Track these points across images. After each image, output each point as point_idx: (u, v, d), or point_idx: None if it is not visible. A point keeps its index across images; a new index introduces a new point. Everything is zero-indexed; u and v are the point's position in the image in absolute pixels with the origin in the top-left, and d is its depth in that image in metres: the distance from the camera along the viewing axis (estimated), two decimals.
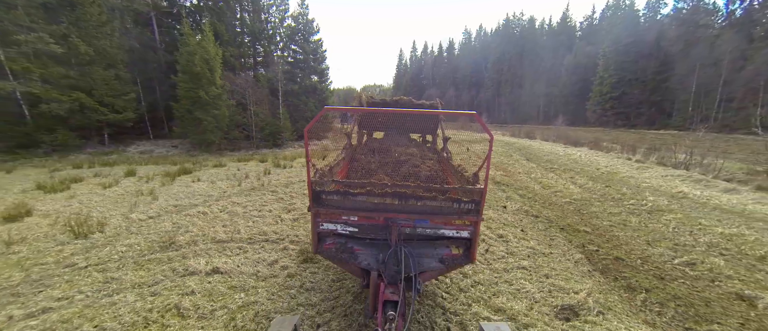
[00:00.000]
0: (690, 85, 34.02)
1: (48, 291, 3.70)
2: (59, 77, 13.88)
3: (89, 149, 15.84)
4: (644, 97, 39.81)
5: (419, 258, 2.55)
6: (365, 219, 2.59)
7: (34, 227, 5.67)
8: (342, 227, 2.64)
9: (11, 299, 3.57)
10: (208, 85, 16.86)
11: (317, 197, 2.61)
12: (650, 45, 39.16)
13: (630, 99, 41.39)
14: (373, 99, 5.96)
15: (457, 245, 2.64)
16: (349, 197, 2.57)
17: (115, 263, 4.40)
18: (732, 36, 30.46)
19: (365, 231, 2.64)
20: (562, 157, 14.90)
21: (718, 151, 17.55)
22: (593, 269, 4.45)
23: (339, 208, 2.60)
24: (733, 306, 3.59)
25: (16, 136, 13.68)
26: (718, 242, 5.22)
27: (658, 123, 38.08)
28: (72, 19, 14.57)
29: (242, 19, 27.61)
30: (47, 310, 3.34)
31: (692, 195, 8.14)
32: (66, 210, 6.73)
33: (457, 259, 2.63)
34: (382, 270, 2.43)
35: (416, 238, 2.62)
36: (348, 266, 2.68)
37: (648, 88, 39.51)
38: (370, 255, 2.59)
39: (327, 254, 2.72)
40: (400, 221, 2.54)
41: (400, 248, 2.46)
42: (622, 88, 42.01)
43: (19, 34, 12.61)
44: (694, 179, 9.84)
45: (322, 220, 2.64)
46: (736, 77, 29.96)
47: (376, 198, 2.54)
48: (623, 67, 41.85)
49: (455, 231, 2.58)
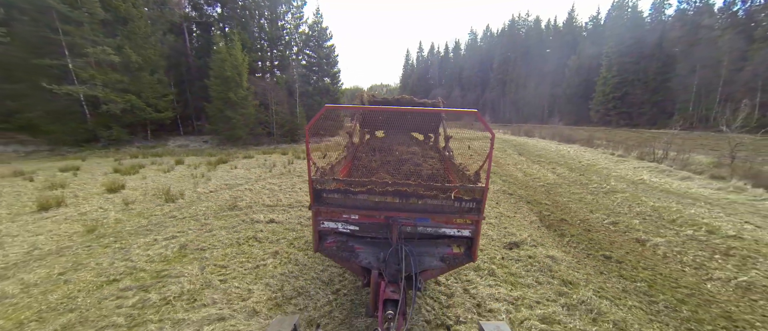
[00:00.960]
0: (691, 86, 34.31)
1: (167, 230, 5.54)
2: (116, 82, 16.14)
3: (137, 143, 18.14)
4: (646, 97, 40.08)
5: (420, 257, 2.52)
6: (366, 217, 2.58)
7: (132, 196, 7.61)
8: (343, 225, 2.63)
9: (147, 232, 5.43)
10: (237, 88, 18.90)
11: (318, 196, 2.60)
12: (652, 46, 39.41)
13: (632, 99, 41.69)
14: (375, 98, 5.97)
15: (459, 244, 2.62)
16: (350, 195, 2.56)
17: (202, 216, 6.23)
18: (732, 36, 30.70)
19: (366, 229, 2.62)
20: (552, 153, 16.22)
21: (707, 148, 18.49)
22: (541, 225, 6.02)
23: (340, 206, 2.59)
24: (628, 244, 5.12)
25: (81, 132, 16.00)
26: (646, 212, 6.68)
27: (659, 123, 38.34)
28: (125, 32, 16.81)
29: (260, 25, 29.74)
30: (174, 236, 5.18)
31: (649, 181, 9.50)
32: (146, 186, 8.69)
33: (458, 258, 2.60)
34: (382, 269, 2.39)
35: (417, 236, 2.60)
36: (349, 264, 2.65)
37: (650, 88, 39.78)
38: (370, 254, 2.56)
39: (328, 253, 2.70)
40: (400, 220, 2.52)
41: (400, 247, 2.43)
42: (624, 89, 42.32)
43: (87, 47, 14.86)
44: (659, 170, 11.13)
45: (323, 218, 2.64)
46: (736, 78, 30.23)
47: (377, 196, 2.53)
48: (626, 67, 42.14)
49: (456, 230, 2.55)
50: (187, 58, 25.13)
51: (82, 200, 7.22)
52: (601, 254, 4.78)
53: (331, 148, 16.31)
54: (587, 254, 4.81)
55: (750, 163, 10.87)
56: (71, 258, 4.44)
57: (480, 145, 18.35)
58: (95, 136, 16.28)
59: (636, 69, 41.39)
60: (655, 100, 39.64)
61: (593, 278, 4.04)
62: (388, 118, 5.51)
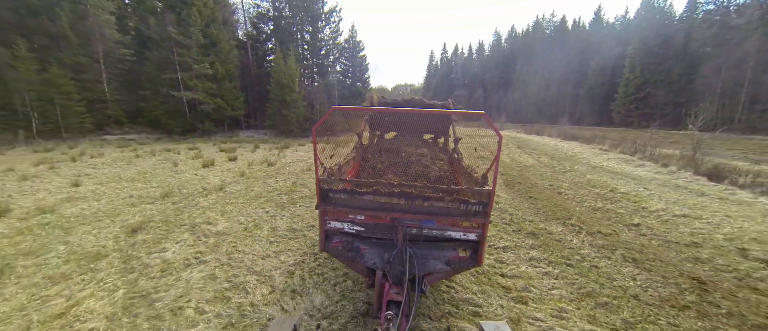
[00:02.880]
0: (715, 87, 33.42)
1: (279, 176, 9.57)
2: (208, 89, 21.39)
3: (219, 134, 23.46)
4: (669, 98, 39.14)
5: (425, 260, 2.47)
6: (372, 218, 2.55)
7: (245, 163, 11.91)
8: (349, 225, 2.61)
9: (270, 177, 9.50)
10: (290, 92, 23.50)
11: (325, 196, 2.59)
12: (678, 46, 38.40)
13: (655, 100, 40.83)
14: (384, 99, 5.94)
15: (464, 248, 2.55)
16: (357, 195, 2.56)
17: (294, 173, 10.24)
18: (759, 37, 29.73)
19: (371, 230, 2.60)
20: (547, 147, 18.62)
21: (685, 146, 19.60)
22: (503, 185, 9.21)
23: (346, 206, 2.57)
24: (549, 193, 8.18)
25: (185, 125, 21.47)
26: (581, 181, 9.52)
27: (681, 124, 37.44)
28: (214, 52, 22.03)
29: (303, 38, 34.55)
30: (287, 178, 9.17)
31: (607, 166, 12.03)
32: (249, 158, 13.04)
33: (464, 262, 2.54)
34: (387, 270, 2.36)
35: (423, 239, 2.55)
36: (354, 264, 2.63)
37: (673, 89, 38.81)
38: (375, 254, 2.54)
39: (334, 252, 2.68)
40: (406, 221, 2.49)
41: (405, 249, 2.39)
42: (647, 90, 41.54)
43: (192, 64, 20.13)
44: (626, 160, 13.44)
45: (330, 218, 2.62)
46: (762, 79, 29.32)
47: (383, 197, 2.52)
48: (650, 68, 41.29)
49: (462, 233, 2.50)
50: (249, 69, 30.53)
51: (220, 164, 11.66)
52: (529, 196, 7.93)
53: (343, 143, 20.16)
54: (520, 196, 7.98)
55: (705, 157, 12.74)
56: (244, 184, 8.56)
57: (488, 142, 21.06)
58: (194, 127, 21.71)
59: (660, 70, 40.44)
60: (678, 101, 38.63)
61: (518, 205, 7.24)
62: (398, 120, 5.42)
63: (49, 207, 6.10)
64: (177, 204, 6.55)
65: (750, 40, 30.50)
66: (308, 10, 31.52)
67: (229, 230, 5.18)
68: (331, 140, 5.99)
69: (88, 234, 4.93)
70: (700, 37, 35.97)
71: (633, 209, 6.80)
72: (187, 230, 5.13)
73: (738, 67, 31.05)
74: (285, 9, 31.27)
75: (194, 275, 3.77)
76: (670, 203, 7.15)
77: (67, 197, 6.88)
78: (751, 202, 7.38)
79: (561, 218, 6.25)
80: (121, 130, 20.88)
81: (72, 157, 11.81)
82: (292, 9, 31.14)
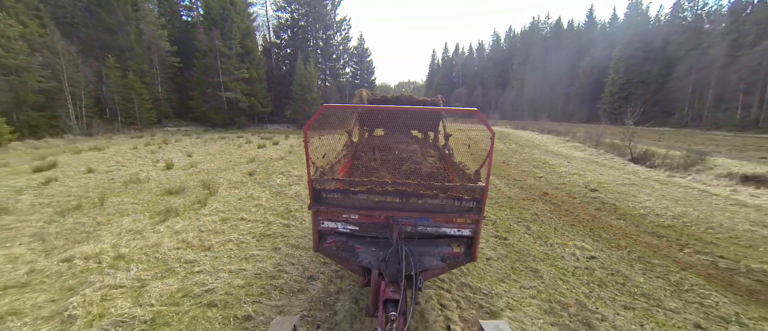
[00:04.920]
0: (687, 88, 36.26)
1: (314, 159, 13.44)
2: (244, 89, 25.37)
3: (251, 127, 27.52)
4: (648, 97, 41.94)
5: (420, 257, 2.43)
6: (366, 217, 2.50)
7: (285, 146, 15.79)
8: (343, 225, 2.54)
9: None
10: (310, 92, 27.36)
11: (318, 196, 2.52)
12: (656, 49, 41.10)
13: (636, 99, 43.58)
14: (374, 96, 5.82)
15: (458, 244, 2.55)
16: (350, 195, 2.49)
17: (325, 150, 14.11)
18: (727, 43, 32.47)
19: (366, 229, 2.55)
20: (522, 138, 22.13)
21: (649, 139, 22.87)
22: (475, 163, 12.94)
23: (340, 206, 2.51)
24: (500, 164, 11.90)
25: (224, 119, 25.56)
26: (529, 159, 13.15)
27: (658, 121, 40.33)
28: (248, 59, 25.96)
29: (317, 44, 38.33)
30: None
31: (556, 150, 15.60)
32: (287, 143, 16.92)
33: (458, 257, 2.52)
34: (382, 269, 2.31)
35: (417, 236, 2.52)
36: (349, 264, 2.56)
37: (651, 89, 41.62)
38: (370, 253, 2.48)
39: (328, 253, 2.61)
40: (400, 219, 2.45)
41: (400, 247, 2.36)
42: (629, 89, 44.34)
43: (232, 70, 24.10)
44: (574, 147, 16.98)
45: (323, 218, 2.55)
46: (725, 81, 32.15)
47: (377, 196, 2.46)
48: (632, 69, 44.06)
49: (456, 229, 2.48)
50: (272, 71, 34.48)
51: (268, 146, 15.55)
52: None
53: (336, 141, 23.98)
54: None
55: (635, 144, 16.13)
56: (296, 156, 12.40)
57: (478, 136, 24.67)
58: (232, 121, 25.79)
59: (641, 71, 43.17)
60: (657, 100, 41.45)
61: None
62: (388, 117, 5.27)
63: (191, 164, 10.05)
64: (263, 165, 10.45)
65: (717, 45, 33.26)
66: (322, 21, 35.21)
67: (301, 174, 9.04)
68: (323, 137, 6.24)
69: (228, 174, 8.83)
70: (676, 41, 38.64)
71: (547, 171, 10.48)
72: (281, 174, 9.01)
73: (706, 69, 33.87)
74: (301, 20, 35.02)
75: (293, 188, 7.61)
76: (573, 168, 10.80)
77: (191, 161, 10.83)
78: (632, 169, 10.96)
79: (499, 175, 9.96)
80: (173, 124, 25.05)
81: (164, 141, 15.87)
82: (307, 19, 34.87)
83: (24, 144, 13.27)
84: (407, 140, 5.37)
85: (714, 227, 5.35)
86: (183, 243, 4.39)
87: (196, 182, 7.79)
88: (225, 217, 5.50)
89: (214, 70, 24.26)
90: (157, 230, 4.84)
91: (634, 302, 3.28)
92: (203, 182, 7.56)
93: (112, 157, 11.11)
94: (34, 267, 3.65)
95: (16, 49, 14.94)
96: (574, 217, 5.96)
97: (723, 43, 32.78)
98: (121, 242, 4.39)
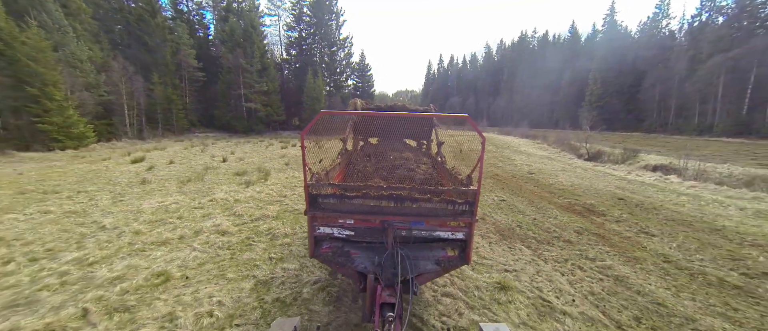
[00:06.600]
0: (654, 97, 39.88)
1: None
2: (262, 101, 28.74)
3: (267, 133, 30.78)
4: (621, 106, 45.60)
5: (416, 261, 2.44)
6: (361, 222, 2.51)
7: None
8: (338, 230, 2.55)
9: None
10: (318, 103, 30.75)
11: (314, 201, 2.51)
12: (628, 63, 44.96)
13: (612, 108, 47.27)
14: (368, 105, 5.95)
15: (453, 247, 2.57)
16: (346, 200, 2.49)
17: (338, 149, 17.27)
18: (681, 57, 36.22)
19: (361, 234, 2.56)
20: (500, 141, 25.38)
21: (609, 142, 26.06)
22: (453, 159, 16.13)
23: (335, 211, 2.51)
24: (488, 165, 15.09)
25: (245, 127, 28.83)
26: (498, 156, 16.34)
27: (631, 128, 43.87)
28: (265, 74, 29.45)
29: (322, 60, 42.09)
30: None
31: (523, 150, 18.80)
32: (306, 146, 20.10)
33: (452, 261, 2.53)
34: (378, 273, 2.31)
35: (412, 240, 2.54)
36: (344, 269, 2.54)
37: (624, 98, 45.29)
38: (366, 258, 2.47)
39: (323, 258, 2.60)
40: (395, 224, 2.47)
41: (396, 251, 2.37)
42: (605, 99, 48.03)
43: (252, 84, 27.52)
44: (540, 147, 20.23)
45: (319, 224, 2.56)
46: (685, 91, 35.75)
47: (372, 201, 2.46)
48: (608, 80, 47.86)
49: (450, 233, 2.52)
50: (283, 84, 38.02)
51: (289, 148, 18.68)
52: None
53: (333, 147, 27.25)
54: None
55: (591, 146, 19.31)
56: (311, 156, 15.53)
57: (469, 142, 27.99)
58: (251, 129, 29.07)
59: (616, 82, 46.94)
60: (630, 109, 45.07)
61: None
62: (382, 125, 5.25)
63: (238, 158, 13.17)
64: (292, 159, 13.57)
65: (677, 60, 37.02)
66: (327, 39, 38.99)
67: None
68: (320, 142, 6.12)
69: (270, 164, 11.93)
70: (645, 57, 42.50)
71: (507, 163, 13.61)
72: None
73: (669, 81, 37.54)
74: (309, 38, 38.81)
75: None
76: (527, 161, 13.96)
77: (236, 156, 13.91)
78: (578, 164, 14.09)
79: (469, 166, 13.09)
80: (201, 131, 28.30)
81: (203, 144, 19.03)
82: (314, 38, 38.67)
83: (99, 145, 16.41)
84: (401, 148, 5.45)
85: (589, 189, 8.47)
86: (268, 195, 7.48)
87: (252, 168, 10.89)
88: (284, 185, 8.60)
89: (237, 84, 27.68)
90: (247, 191, 7.92)
91: (514, 214, 6.37)
92: (258, 168, 10.66)
93: (177, 154, 14.22)
94: (201, 203, 6.74)
95: (86, 70, 18.26)
96: (505, 184, 9.08)
97: (683, 59, 36.57)
98: (230, 196, 7.46)
